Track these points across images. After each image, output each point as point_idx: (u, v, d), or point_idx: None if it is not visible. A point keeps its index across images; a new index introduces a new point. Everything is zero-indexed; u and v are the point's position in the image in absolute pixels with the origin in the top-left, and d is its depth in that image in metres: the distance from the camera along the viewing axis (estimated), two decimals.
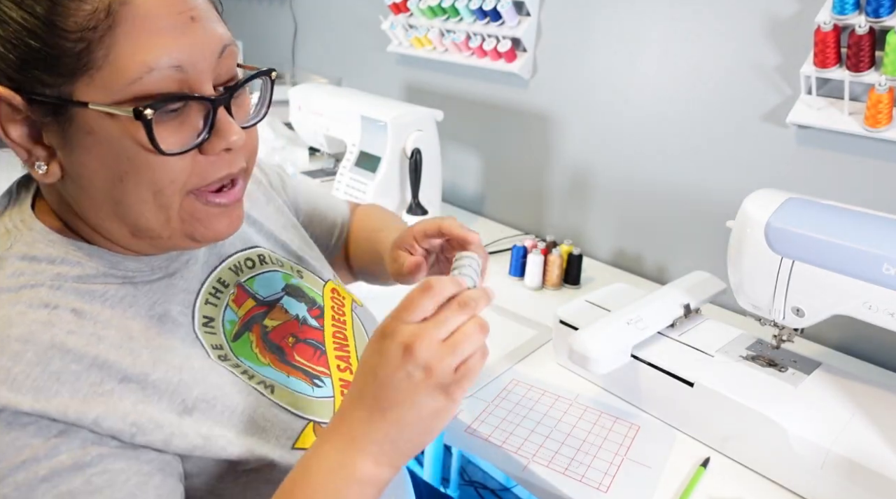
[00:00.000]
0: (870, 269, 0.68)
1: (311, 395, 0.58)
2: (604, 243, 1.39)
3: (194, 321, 0.55)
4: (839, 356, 1.04)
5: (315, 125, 1.52)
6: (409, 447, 0.46)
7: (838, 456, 0.68)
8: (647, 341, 0.85)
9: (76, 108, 0.44)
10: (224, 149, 0.49)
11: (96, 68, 0.43)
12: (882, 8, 0.88)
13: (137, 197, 0.47)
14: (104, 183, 0.47)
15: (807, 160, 1.05)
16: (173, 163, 0.47)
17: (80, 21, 0.42)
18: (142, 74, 0.44)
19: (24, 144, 0.46)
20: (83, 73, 0.43)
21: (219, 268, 0.60)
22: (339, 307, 0.69)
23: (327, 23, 2.00)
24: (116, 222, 0.49)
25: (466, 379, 0.45)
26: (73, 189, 0.49)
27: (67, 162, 0.47)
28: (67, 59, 0.43)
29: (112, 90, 0.44)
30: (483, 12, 1.39)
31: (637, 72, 1.24)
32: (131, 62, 0.43)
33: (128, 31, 0.43)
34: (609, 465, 0.77)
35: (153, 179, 0.47)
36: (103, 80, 0.43)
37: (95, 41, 0.43)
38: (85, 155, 0.46)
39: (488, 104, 1.55)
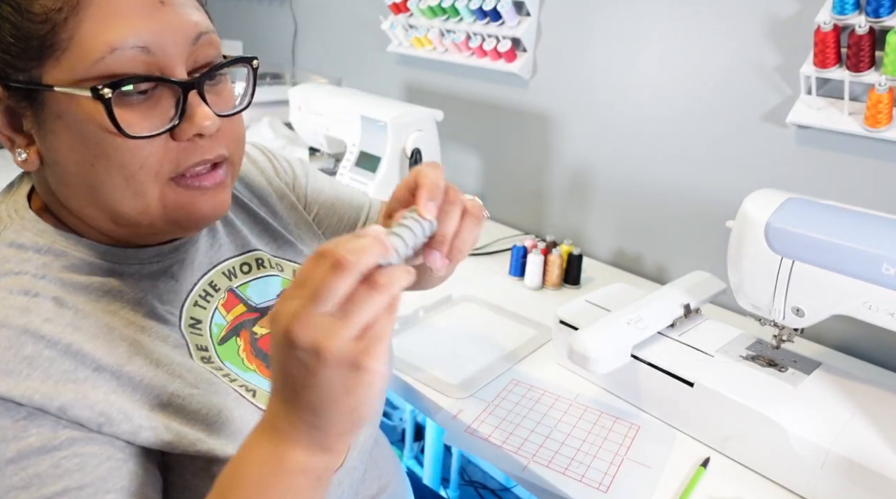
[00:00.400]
0: (870, 269, 0.68)
1: None
2: (604, 243, 1.39)
3: (181, 321, 0.55)
4: (839, 356, 1.04)
5: (315, 125, 1.52)
6: (338, 429, 0.41)
7: (838, 456, 0.68)
8: (647, 341, 0.85)
9: (47, 92, 0.45)
10: (195, 134, 0.48)
11: (61, 50, 0.44)
12: (882, 8, 0.88)
13: (110, 183, 0.47)
14: (77, 168, 0.47)
15: (807, 160, 1.05)
16: (142, 147, 0.46)
17: (46, 3, 0.43)
18: (104, 54, 0.43)
19: (5, 131, 0.47)
20: (50, 56, 0.44)
21: (211, 272, 0.60)
22: None
23: (327, 23, 2.00)
24: (96, 210, 0.49)
25: (375, 344, 0.38)
26: (52, 176, 0.49)
27: (43, 148, 0.47)
28: (35, 43, 0.43)
29: (76, 72, 0.44)
30: (483, 12, 1.39)
31: (637, 72, 1.24)
32: (94, 42, 0.43)
33: (93, 13, 0.43)
34: (609, 465, 0.77)
35: (122, 164, 0.46)
36: (69, 61, 0.44)
37: (60, 23, 0.43)
38: (57, 140, 0.46)
39: (488, 104, 1.56)
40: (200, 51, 0.48)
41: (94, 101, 0.44)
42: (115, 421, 0.46)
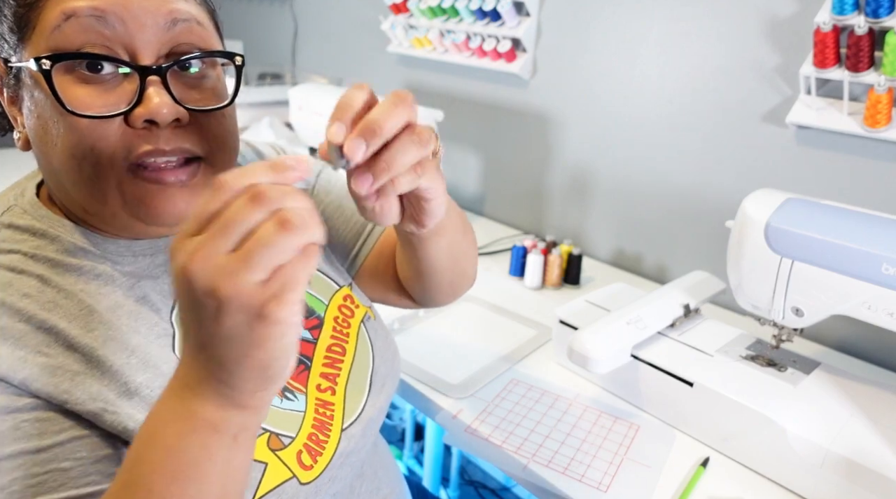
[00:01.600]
0: (869, 269, 0.68)
1: (277, 406, 0.55)
2: (604, 243, 1.39)
3: (172, 312, 0.54)
4: (838, 356, 1.04)
5: (315, 125, 1.52)
6: (250, 386, 0.36)
7: (837, 456, 0.68)
8: (646, 341, 0.85)
9: (22, 71, 0.46)
10: (147, 120, 0.45)
11: (34, 28, 0.44)
12: (881, 8, 0.88)
13: (67, 166, 0.46)
14: (44, 149, 0.47)
15: (806, 160, 1.06)
16: (92, 129, 0.44)
17: None
18: (60, 22, 0.42)
19: (9, 110, 0.49)
20: (28, 34, 0.45)
21: None
22: (346, 318, 0.65)
23: (327, 23, 2.00)
24: (67, 195, 0.49)
25: (286, 291, 0.33)
26: (37, 159, 0.50)
27: (26, 126, 0.49)
28: (20, 23, 0.45)
29: (38, 46, 0.44)
30: (483, 13, 1.39)
31: (637, 72, 1.24)
32: (53, 12, 0.43)
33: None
34: (609, 465, 0.77)
35: (71, 144, 0.45)
36: (35, 37, 0.44)
37: (34, 2, 0.44)
38: (29, 120, 0.47)
39: (488, 104, 1.56)
40: (179, 38, 0.47)
41: (41, 75, 0.43)
42: (80, 401, 0.45)
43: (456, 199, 1.70)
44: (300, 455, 0.54)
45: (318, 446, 0.56)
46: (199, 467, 0.37)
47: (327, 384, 0.60)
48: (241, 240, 0.34)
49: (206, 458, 0.37)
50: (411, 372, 0.93)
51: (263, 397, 0.38)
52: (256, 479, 0.51)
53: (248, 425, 0.39)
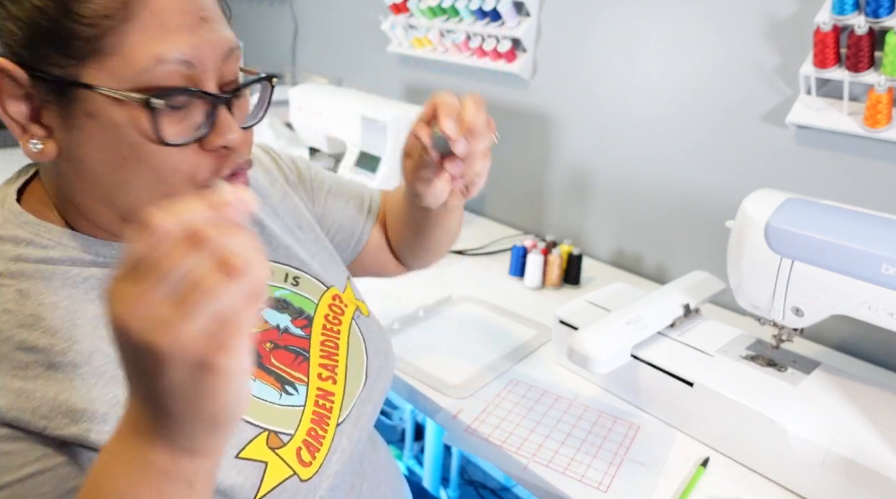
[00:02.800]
0: (869, 269, 0.68)
1: (276, 402, 0.56)
2: (604, 243, 1.39)
3: None
4: (838, 356, 1.04)
5: (315, 125, 1.52)
6: (201, 433, 0.35)
7: (837, 456, 0.68)
8: (646, 341, 0.85)
9: (82, 90, 0.45)
10: (222, 146, 0.50)
11: (106, 55, 0.44)
12: (881, 8, 0.88)
13: (139, 183, 0.48)
14: (102, 167, 0.47)
15: (806, 160, 1.06)
16: (174, 154, 0.47)
17: (97, 8, 0.44)
18: (151, 67, 0.45)
19: (20, 120, 0.47)
20: (92, 58, 0.44)
21: None
22: (337, 315, 0.67)
23: (327, 23, 2.00)
24: (108, 206, 0.50)
25: (230, 339, 0.32)
26: (68, 170, 0.49)
27: (66, 143, 0.48)
28: (78, 43, 0.44)
29: (120, 78, 0.45)
30: (483, 12, 1.39)
31: (637, 72, 1.24)
32: (143, 53, 0.45)
33: (142, 25, 0.44)
34: (609, 465, 0.77)
35: (154, 167, 0.47)
36: (112, 67, 0.44)
37: (108, 29, 0.44)
38: (85, 138, 0.47)
39: (488, 104, 1.55)
40: (228, 65, 0.51)
41: (137, 108, 0.45)
42: (60, 425, 0.45)
43: None
44: (299, 452, 0.55)
45: (317, 442, 0.57)
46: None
47: (328, 374, 0.61)
48: (180, 287, 0.31)
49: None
50: (411, 372, 0.93)
51: (217, 443, 0.37)
52: (258, 479, 0.51)
53: (203, 471, 0.38)
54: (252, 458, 0.51)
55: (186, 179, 0.49)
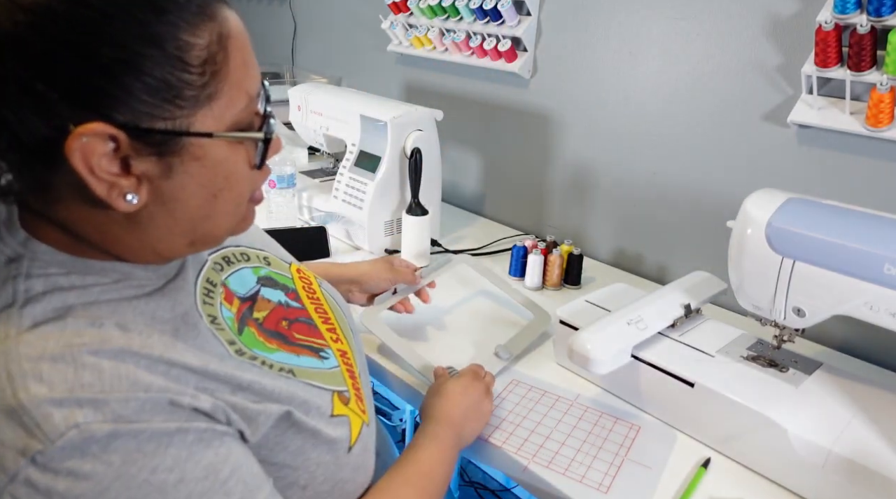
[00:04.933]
0: (871, 269, 0.67)
1: (323, 367, 0.62)
2: (604, 243, 1.39)
3: (202, 318, 0.56)
4: (840, 357, 1.04)
5: (315, 125, 1.52)
6: (472, 434, 0.78)
7: (839, 457, 0.68)
8: (647, 342, 0.85)
9: (191, 139, 0.46)
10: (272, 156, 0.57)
11: (215, 99, 0.47)
12: (884, 7, 0.87)
13: (224, 210, 0.52)
14: (198, 202, 0.50)
15: (808, 160, 1.05)
16: (252, 175, 0.53)
17: (201, 55, 0.45)
18: (247, 103, 0.49)
19: (107, 178, 0.44)
20: (205, 105, 0.46)
21: (204, 270, 0.61)
22: (308, 285, 0.73)
23: (327, 23, 2.00)
24: (185, 236, 0.52)
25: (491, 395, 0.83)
26: (155, 211, 0.48)
27: (165, 188, 0.47)
28: (192, 92, 0.45)
29: (225, 119, 0.48)
30: (483, 12, 1.38)
31: (637, 71, 1.24)
32: (239, 92, 0.48)
33: (236, 64, 0.48)
34: (609, 465, 0.77)
35: (241, 191, 0.53)
36: (220, 110, 0.47)
37: (216, 73, 0.46)
38: (188, 179, 0.48)
39: (488, 104, 1.55)
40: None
41: (233, 142, 0.49)
42: (234, 420, 0.50)
43: (456, 199, 1.70)
44: (358, 403, 0.63)
45: (359, 392, 0.65)
46: (443, 470, 0.69)
47: (335, 336, 0.68)
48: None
49: (446, 466, 0.70)
50: (412, 372, 0.93)
51: (467, 443, 0.77)
52: (347, 431, 0.59)
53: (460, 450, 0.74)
54: (338, 414, 0.59)
55: (250, 198, 0.55)
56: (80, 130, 0.42)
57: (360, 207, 1.30)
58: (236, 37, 0.48)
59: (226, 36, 0.47)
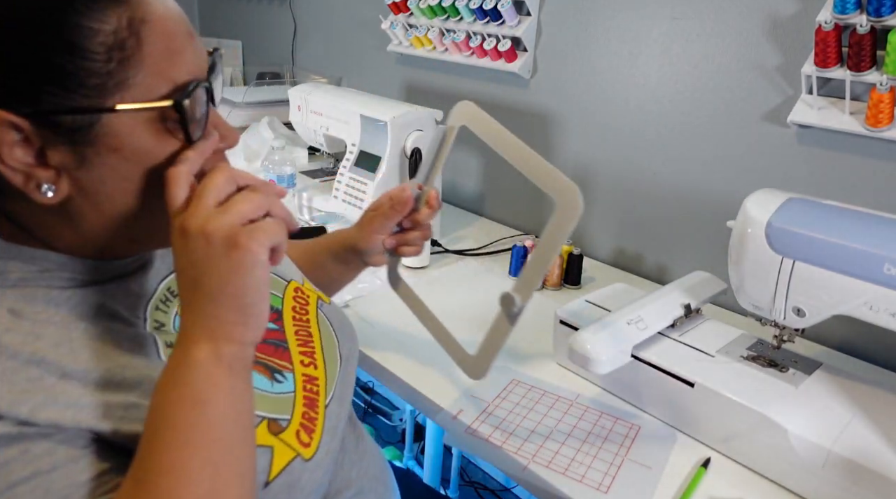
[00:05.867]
0: (871, 269, 0.67)
1: (269, 390, 0.58)
2: (604, 243, 1.39)
3: (146, 323, 0.55)
4: (840, 357, 1.04)
5: (315, 125, 1.52)
6: (231, 315, 0.46)
7: (839, 456, 0.68)
8: (647, 342, 0.85)
9: (103, 128, 0.45)
10: (226, 146, 0.54)
11: (126, 87, 0.45)
12: (883, 7, 0.87)
13: (156, 205, 0.48)
14: (123, 196, 0.48)
15: (808, 160, 1.05)
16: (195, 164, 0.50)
17: (106, 41, 0.43)
18: (169, 91, 0.47)
19: (21, 168, 0.45)
20: (115, 93, 0.45)
21: (169, 277, 0.60)
22: (303, 306, 0.70)
23: (327, 23, 2.00)
24: (121, 232, 0.50)
25: (256, 231, 0.45)
26: (82, 205, 0.48)
27: (84, 180, 0.47)
28: (96, 80, 0.44)
29: (138, 100, 0.46)
30: (483, 12, 1.38)
31: (637, 72, 1.24)
32: (160, 80, 0.46)
33: (152, 51, 0.45)
34: (609, 465, 0.77)
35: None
36: (133, 97, 0.45)
37: (125, 60, 0.44)
38: (107, 172, 0.47)
39: (488, 104, 1.55)
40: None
41: (157, 127, 0.47)
42: (86, 422, 0.46)
43: (456, 199, 1.70)
44: (299, 434, 0.57)
45: (311, 423, 0.59)
46: (208, 394, 0.46)
47: (308, 360, 0.64)
48: (220, 198, 0.47)
49: (211, 386, 0.46)
50: (411, 372, 0.93)
51: (245, 333, 0.47)
52: (267, 462, 0.53)
53: (239, 357, 0.47)
54: (259, 444, 0.53)
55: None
56: None
57: (360, 207, 1.30)
58: (157, 22, 0.45)
59: (140, 21, 0.45)
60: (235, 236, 0.45)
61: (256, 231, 0.45)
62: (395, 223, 0.78)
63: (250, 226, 0.46)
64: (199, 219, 0.45)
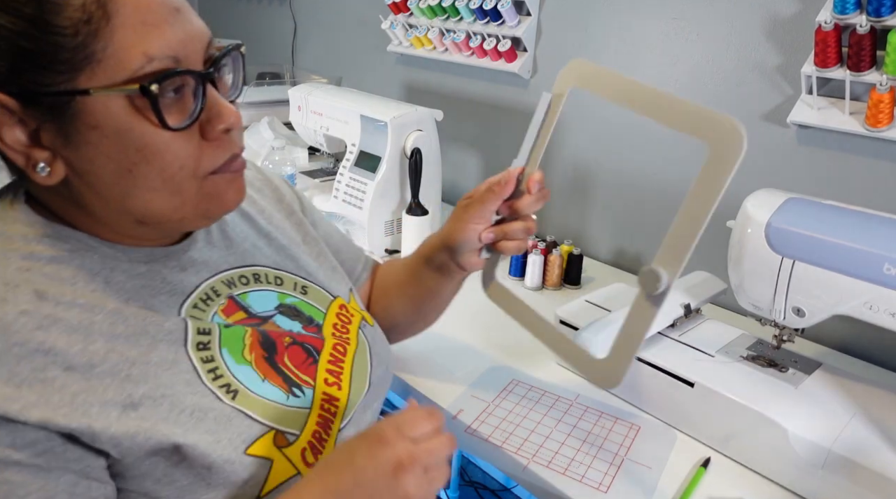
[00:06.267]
0: (871, 269, 0.67)
1: (283, 403, 0.56)
2: (604, 243, 1.39)
3: (180, 311, 0.55)
4: (840, 356, 1.04)
5: (315, 125, 1.52)
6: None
7: (839, 456, 0.68)
8: (647, 342, 0.85)
9: (78, 105, 0.45)
10: (224, 130, 0.51)
11: (96, 61, 0.44)
12: (883, 7, 0.88)
13: (147, 186, 0.49)
14: (113, 177, 0.48)
15: (807, 160, 1.05)
16: (180, 147, 0.48)
17: (73, 16, 0.43)
18: (143, 64, 0.45)
19: (19, 148, 0.46)
20: (85, 67, 0.44)
21: (212, 279, 0.60)
22: (345, 325, 0.68)
23: (327, 23, 2.00)
24: (123, 214, 0.51)
25: (429, 487, 0.52)
26: (80, 186, 0.49)
27: (73, 160, 0.48)
28: (66, 55, 0.44)
29: (115, 81, 0.45)
30: (483, 12, 1.38)
31: (637, 72, 1.24)
32: (132, 53, 0.45)
33: (123, 23, 0.44)
34: (609, 465, 0.77)
35: (163, 166, 0.48)
36: (105, 72, 0.45)
37: (92, 34, 0.44)
38: (92, 151, 0.47)
39: (488, 104, 1.55)
40: (208, 55, 0.51)
41: (133, 107, 0.46)
42: (77, 430, 0.45)
43: (456, 199, 1.69)
44: (304, 453, 0.56)
45: (320, 445, 0.58)
46: None
47: (333, 379, 0.62)
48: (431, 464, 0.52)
49: None
50: (411, 372, 0.93)
51: None
52: (264, 475, 0.52)
53: None
54: (259, 455, 0.52)
55: (191, 174, 0.50)
56: None
57: (360, 207, 1.30)
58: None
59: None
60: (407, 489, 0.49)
61: (430, 487, 0.51)
62: (493, 210, 0.69)
63: (426, 482, 0.51)
64: (397, 448, 0.50)
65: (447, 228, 0.73)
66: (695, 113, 0.60)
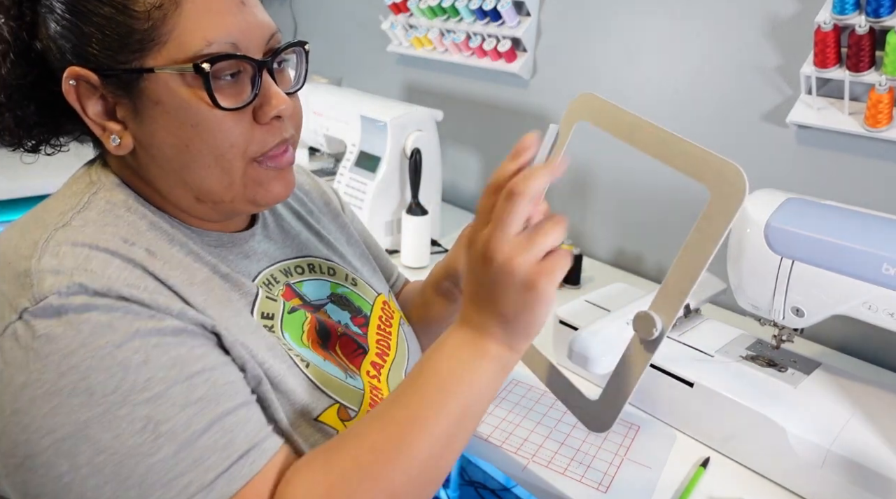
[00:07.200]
0: (870, 269, 0.68)
1: (344, 380, 0.60)
2: (604, 243, 1.39)
3: (255, 283, 0.59)
4: (839, 356, 1.04)
5: (315, 125, 1.52)
6: (522, 332, 0.50)
7: (838, 456, 0.68)
8: None
9: (145, 81, 0.50)
10: (275, 116, 0.54)
11: (162, 43, 0.49)
12: (882, 8, 0.88)
13: (201, 162, 0.52)
14: (172, 150, 0.52)
15: (807, 160, 1.05)
16: (231, 127, 0.52)
17: (148, 1, 0.48)
18: (203, 48, 0.49)
19: (98, 120, 0.52)
20: (152, 48, 0.49)
21: (271, 267, 0.63)
22: (388, 319, 0.71)
23: (327, 23, 2.00)
24: (183, 188, 0.54)
25: (553, 273, 0.47)
26: (144, 159, 0.54)
27: (139, 134, 0.52)
28: (137, 37, 0.49)
29: (178, 62, 0.50)
30: (483, 12, 1.39)
31: (637, 72, 1.24)
32: (194, 37, 0.49)
33: (189, 10, 0.49)
34: (609, 465, 0.77)
35: (215, 144, 0.52)
36: (169, 53, 0.49)
37: (161, 19, 0.48)
38: (154, 125, 0.51)
39: (488, 104, 1.55)
40: (273, 45, 0.56)
41: (190, 86, 0.50)
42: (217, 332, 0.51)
43: (456, 199, 1.70)
44: None
45: None
46: (478, 386, 0.50)
47: (374, 373, 0.65)
48: (519, 226, 0.48)
49: (484, 381, 0.50)
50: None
51: (525, 345, 0.51)
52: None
53: (511, 363, 0.51)
54: (327, 423, 0.56)
55: (241, 153, 0.53)
56: (66, 74, 0.50)
57: (360, 207, 1.31)
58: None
59: None
60: (535, 279, 0.47)
61: (552, 274, 0.47)
62: None
63: (547, 266, 0.47)
64: (503, 252, 0.47)
65: (450, 255, 0.75)
66: (699, 157, 0.61)
